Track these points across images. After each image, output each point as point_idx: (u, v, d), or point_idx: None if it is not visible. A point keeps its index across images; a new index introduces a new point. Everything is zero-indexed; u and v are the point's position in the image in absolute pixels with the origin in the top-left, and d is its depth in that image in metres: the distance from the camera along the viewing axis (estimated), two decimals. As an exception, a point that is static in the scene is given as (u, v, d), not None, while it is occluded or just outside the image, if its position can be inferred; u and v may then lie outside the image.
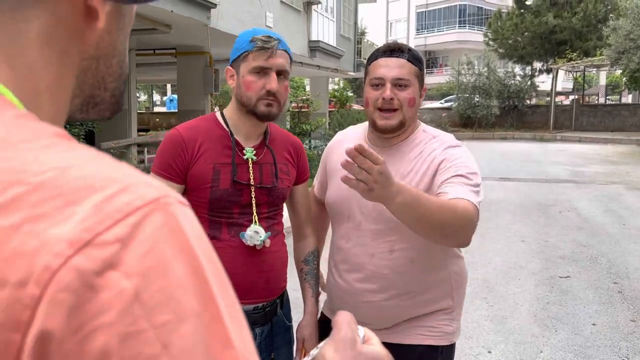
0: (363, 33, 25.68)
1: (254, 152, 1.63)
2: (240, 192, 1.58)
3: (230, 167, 1.58)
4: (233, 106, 1.64)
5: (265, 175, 1.63)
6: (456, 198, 1.41)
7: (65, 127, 2.07)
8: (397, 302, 1.61)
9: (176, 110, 24.35)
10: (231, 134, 1.61)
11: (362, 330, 0.68)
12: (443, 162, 1.55)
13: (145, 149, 11.29)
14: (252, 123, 1.61)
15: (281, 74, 1.56)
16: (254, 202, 1.60)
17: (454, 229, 1.41)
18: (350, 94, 24.71)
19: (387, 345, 1.62)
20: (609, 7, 23.04)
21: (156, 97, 50.83)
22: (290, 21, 13.89)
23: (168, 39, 11.67)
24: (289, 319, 1.77)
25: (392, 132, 1.60)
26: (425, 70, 1.66)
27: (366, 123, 1.72)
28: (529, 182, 10.29)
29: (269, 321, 1.66)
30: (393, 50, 1.59)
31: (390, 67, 1.56)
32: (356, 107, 24.14)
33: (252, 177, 1.60)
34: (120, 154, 9.11)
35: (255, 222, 1.59)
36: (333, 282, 1.73)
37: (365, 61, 13.63)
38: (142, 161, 10.74)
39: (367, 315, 1.63)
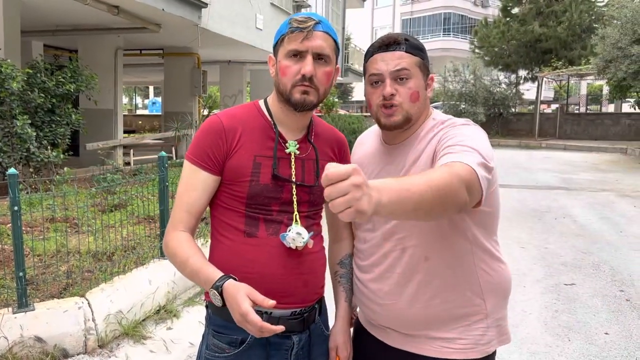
0: (348, 39, 25.63)
1: (297, 146, 1.49)
2: (281, 188, 1.44)
3: (271, 160, 1.44)
4: (274, 96, 1.51)
5: (307, 173, 1.49)
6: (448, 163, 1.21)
7: (51, 125, 1.86)
8: (414, 303, 1.49)
9: (160, 113, 24.09)
10: (274, 124, 1.48)
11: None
12: (442, 140, 1.40)
13: (131, 151, 11.04)
14: (293, 115, 1.48)
15: (321, 57, 1.41)
16: (295, 199, 1.46)
17: (450, 198, 1.16)
18: (335, 99, 24.64)
19: (405, 354, 1.45)
20: (594, 17, 23.36)
21: (137, 100, 50.26)
22: (280, 23, 13.70)
23: (155, 39, 11.44)
24: (327, 328, 1.63)
25: (398, 128, 1.49)
26: (428, 58, 1.54)
27: None
28: (521, 188, 10.27)
29: (306, 329, 1.52)
30: (388, 44, 1.46)
31: (387, 61, 1.44)
32: (342, 112, 24.10)
33: (293, 173, 1.46)
34: (106, 155, 8.83)
35: (297, 221, 1.46)
36: (354, 286, 1.66)
37: (352, 66, 13.69)
38: (128, 163, 10.49)
39: (387, 319, 1.55)
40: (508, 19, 25.90)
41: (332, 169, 0.96)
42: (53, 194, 4.35)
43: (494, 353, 1.56)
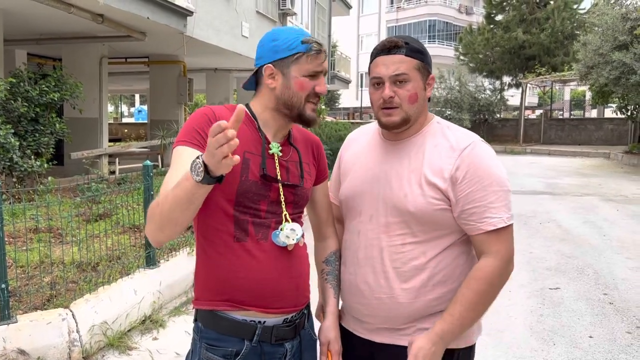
0: (335, 46, 25.76)
1: (280, 148, 1.53)
2: (269, 186, 1.47)
3: (259, 158, 1.46)
4: (266, 104, 1.52)
5: (291, 174, 1.53)
6: (476, 273, 1.50)
7: (35, 134, 1.83)
8: (410, 296, 1.55)
9: (145, 121, 23.98)
10: (259, 127, 1.51)
11: None
12: (464, 178, 1.50)
13: (117, 159, 10.96)
14: (284, 123, 1.53)
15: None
16: (282, 199, 1.49)
17: (495, 295, 1.52)
18: (322, 106, 24.70)
19: (396, 347, 1.50)
20: (575, 24, 23.72)
21: (123, 108, 49.98)
22: (266, 31, 13.71)
23: (141, 48, 11.40)
24: (315, 333, 1.65)
25: (397, 128, 1.57)
26: (429, 59, 1.62)
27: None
28: (506, 193, 10.35)
29: (297, 335, 1.54)
30: (390, 48, 1.55)
31: (387, 65, 1.53)
32: (329, 119, 24.13)
33: (278, 173, 1.50)
34: (91, 164, 8.76)
35: (288, 220, 1.49)
36: (344, 279, 1.68)
37: (338, 73, 13.82)
38: (113, 172, 10.41)
39: (380, 312, 1.58)
40: (492, 26, 26.22)
41: None
42: (36, 204, 4.31)
43: (474, 346, 1.64)
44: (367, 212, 1.61)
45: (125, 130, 26.23)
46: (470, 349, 1.61)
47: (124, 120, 42.50)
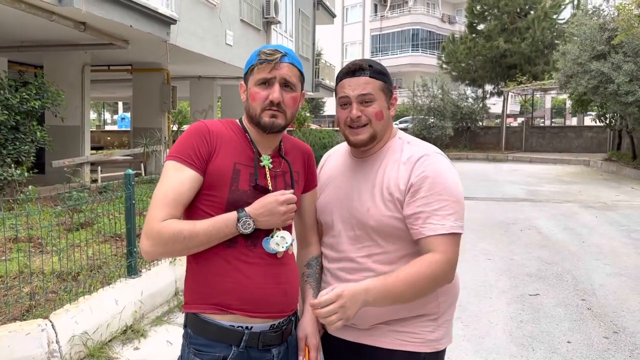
0: (319, 54, 25.87)
1: (271, 160, 1.60)
2: (259, 196, 1.52)
3: (249, 169, 1.53)
4: (245, 119, 1.63)
5: (279, 185, 1.59)
6: (422, 259, 1.52)
7: (15, 143, 1.89)
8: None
9: (128, 129, 23.79)
10: (251, 140, 1.58)
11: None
12: (414, 186, 1.57)
13: (99, 168, 10.87)
14: (263, 136, 1.59)
15: (287, 85, 1.55)
16: None
17: (429, 288, 1.55)
18: (307, 114, 24.75)
19: (363, 347, 1.57)
20: (555, 34, 24.14)
21: (106, 116, 49.57)
22: (250, 40, 13.79)
23: (124, 55, 11.35)
24: None
25: (365, 145, 1.66)
26: (391, 81, 1.71)
27: None
28: (488, 200, 10.48)
29: (284, 341, 1.59)
30: (354, 70, 1.64)
31: (353, 87, 1.62)
32: (313, 126, 24.21)
33: (270, 184, 1.56)
34: (73, 172, 8.68)
35: (279, 228, 1.54)
36: (320, 288, 1.75)
37: (322, 81, 13.93)
38: (95, 180, 10.32)
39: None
40: (474, 35, 26.55)
41: (323, 297, 1.43)
42: (16, 213, 4.27)
43: (444, 351, 1.69)
44: (337, 226, 1.70)
45: (108, 138, 26.01)
46: (437, 355, 1.66)
47: (107, 127, 42.13)
